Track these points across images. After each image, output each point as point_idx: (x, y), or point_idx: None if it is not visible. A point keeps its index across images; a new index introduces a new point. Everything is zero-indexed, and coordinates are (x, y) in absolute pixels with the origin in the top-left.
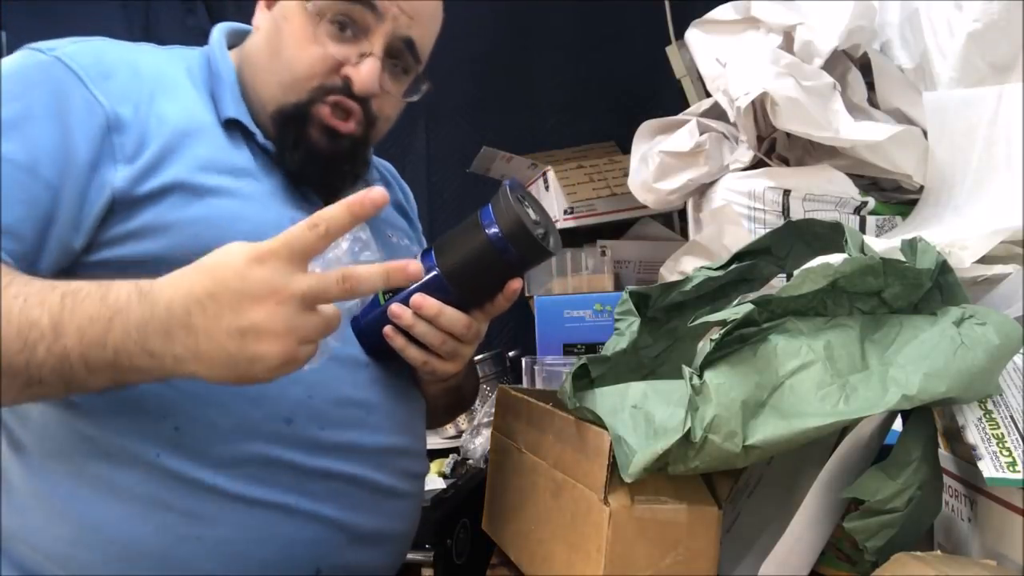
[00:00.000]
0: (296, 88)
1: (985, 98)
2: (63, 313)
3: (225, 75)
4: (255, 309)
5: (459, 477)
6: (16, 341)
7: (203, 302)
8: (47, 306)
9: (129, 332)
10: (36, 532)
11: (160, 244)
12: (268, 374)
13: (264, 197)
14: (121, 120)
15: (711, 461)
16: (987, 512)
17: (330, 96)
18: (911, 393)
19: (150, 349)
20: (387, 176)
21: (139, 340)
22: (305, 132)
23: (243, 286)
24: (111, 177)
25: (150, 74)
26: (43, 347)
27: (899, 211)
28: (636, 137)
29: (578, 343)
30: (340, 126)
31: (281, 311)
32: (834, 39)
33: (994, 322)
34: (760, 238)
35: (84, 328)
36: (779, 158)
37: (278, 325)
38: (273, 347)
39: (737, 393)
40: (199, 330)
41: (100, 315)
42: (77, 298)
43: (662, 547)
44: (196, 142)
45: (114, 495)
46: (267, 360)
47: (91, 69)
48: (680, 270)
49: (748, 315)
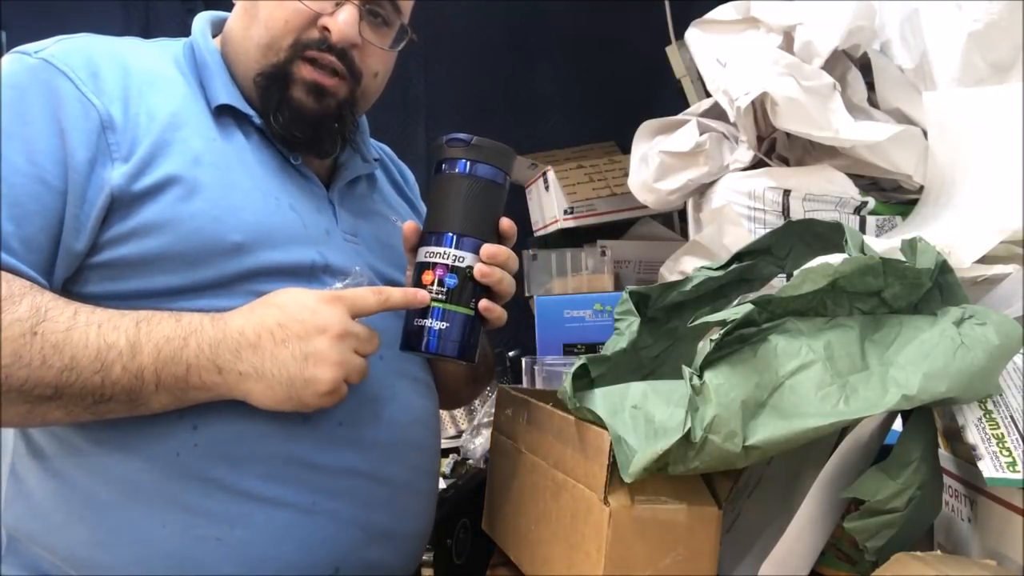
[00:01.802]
0: (274, 47)
1: (985, 98)
2: (139, 335)
3: (211, 62)
4: (320, 338)
5: (459, 477)
6: (94, 363)
7: (273, 330)
8: (123, 330)
9: (203, 349)
10: (55, 534)
11: (163, 240)
12: (317, 399)
13: (261, 184)
14: (114, 119)
15: (711, 461)
16: (987, 512)
17: (309, 51)
18: (911, 393)
19: (220, 365)
20: (385, 158)
21: (211, 356)
22: (288, 94)
23: (312, 319)
24: (108, 176)
25: (138, 69)
26: (119, 366)
27: (899, 211)
28: (636, 137)
29: (578, 343)
30: (323, 80)
31: (339, 345)
32: (834, 39)
33: (994, 322)
34: (760, 238)
35: (161, 346)
36: (779, 158)
37: (336, 355)
38: (328, 372)
39: (737, 393)
40: (267, 352)
41: (176, 334)
42: (152, 322)
43: (662, 547)
44: (189, 135)
45: (132, 497)
46: (320, 384)
47: (80, 69)
48: (680, 270)
49: (748, 315)
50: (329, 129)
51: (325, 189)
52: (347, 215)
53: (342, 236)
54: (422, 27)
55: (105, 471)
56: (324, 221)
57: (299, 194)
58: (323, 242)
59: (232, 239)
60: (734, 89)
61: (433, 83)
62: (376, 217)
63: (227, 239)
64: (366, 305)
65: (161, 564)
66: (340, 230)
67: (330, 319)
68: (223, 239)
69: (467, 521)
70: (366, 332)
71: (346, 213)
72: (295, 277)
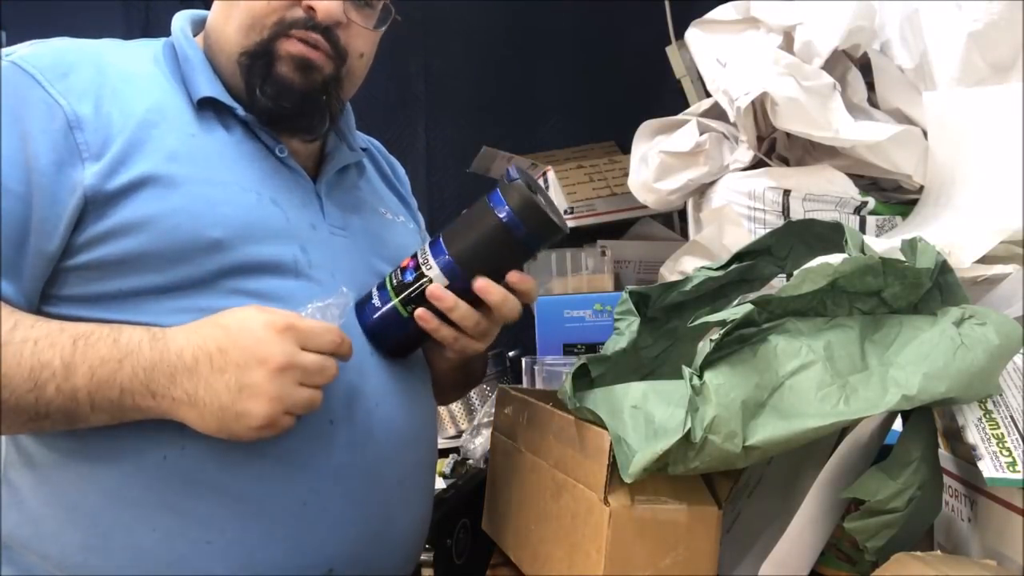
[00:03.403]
0: (256, 26)
1: (985, 98)
2: (75, 355)
3: (193, 56)
4: (257, 370)
5: (459, 477)
6: (27, 381)
7: (212, 355)
8: (58, 348)
9: (137, 373)
10: (48, 541)
11: (140, 240)
12: (248, 432)
13: (242, 178)
14: (81, 118)
15: (711, 461)
16: (987, 512)
17: (293, 30)
18: (911, 393)
19: (153, 389)
20: (375, 151)
21: (145, 381)
22: (273, 70)
23: (255, 348)
24: (79, 177)
25: (113, 67)
26: (53, 386)
27: (899, 211)
28: (636, 137)
29: (578, 343)
30: (309, 53)
31: (279, 378)
32: (834, 39)
33: (994, 322)
34: (760, 238)
35: (95, 368)
36: (779, 158)
37: (272, 390)
38: (262, 408)
39: (737, 393)
40: (201, 378)
41: (111, 356)
42: (89, 341)
43: (662, 547)
44: (165, 132)
45: (122, 501)
46: (251, 418)
47: (48, 70)
48: (680, 270)
49: (748, 315)
50: (316, 104)
51: (312, 182)
52: (335, 209)
53: (329, 230)
54: (422, 26)
55: (94, 477)
56: (309, 215)
57: (283, 187)
58: (307, 237)
59: (211, 235)
60: (734, 89)
61: (433, 83)
62: (367, 210)
63: (205, 235)
64: (319, 344)
65: (153, 568)
66: (327, 224)
67: (272, 350)
68: (201, 235)
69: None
70: (316, 363)
71: (334, 206)
72: (278, 273)
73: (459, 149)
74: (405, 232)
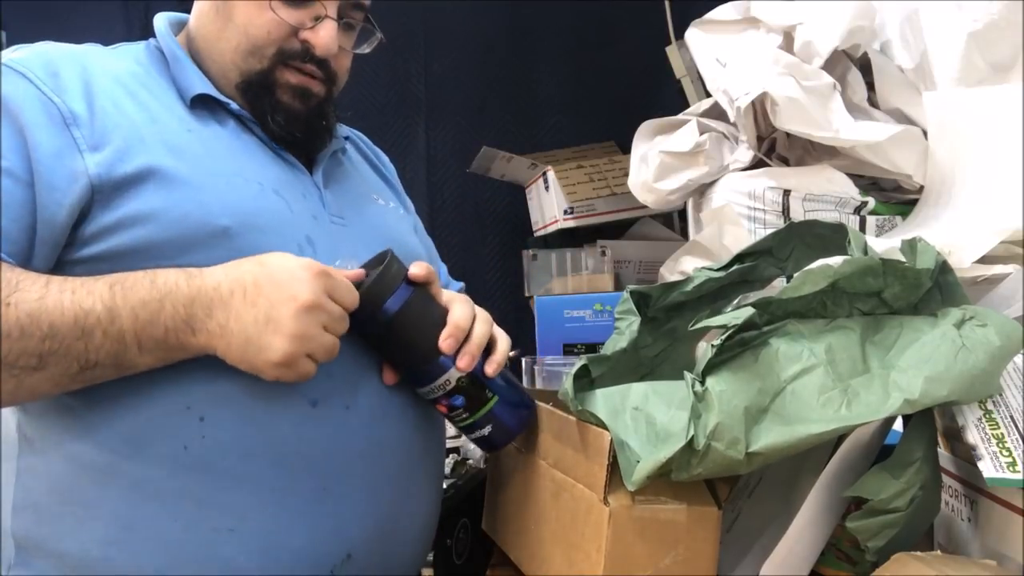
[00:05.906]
0: (257, 54)
1: (985, 98)
2: (115, 299)
3: (181, 56)
4: (287, 305)
5: (459, 477)
6: (74, 329)
7: (247, 288)
8: (97, 294)
9: (178, 310)
10: (67, 538)
11: (149, 229)
12: (267, 368)
13: (243, 169)
14: (76, 114)
15: (714, 468)
16: (987, 512)
17: (292, 61)
18: (913, 397)
19: (193, 325)
20: (358, 142)
21: (186, 317)
22: (275, 97)
23: (288, 284)
24: (80, 166)
25: (99, 68)
26: (100, 331)
27: (899, 211)
28: (636, 137)
29: (578, 343)
30: (307, 83)
31: (305, 318)
32: (834, 39)
33: (995, 323)
34: (761, 239)
35: (137, 310)
36: (779, 158)
37: (296, 327)
38: (283, 343)
39: (739, 400)
40: (233, 310)
41: (152, 297)
42: (125, 285)
43: (662, 547)
44: (162, 127)
45: (143, 492)
46: (272, 352)
47: (39, 70)
48: (680, 270)
49: (749, 319)
50: (317, 128)
51: (308, 174)
52: (333, 199)
53: (330, 220)
54: (422, 26)
55: (115, 470)
56: (311, 206)
57: (283, 179)
58: (311, 226)
59: (220, 223)
60: (734, 89)
61: (433, 83)
62: (361, 199)
63: (215, 223)
64: (343, 296)
65: (176, 557)
66: (328, 214)
67: (303, 288)
68: (211, 223)
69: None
70: (340, 312)
71: (332, 197)
72: None
73: (459, 149)
74: (397, 217)
